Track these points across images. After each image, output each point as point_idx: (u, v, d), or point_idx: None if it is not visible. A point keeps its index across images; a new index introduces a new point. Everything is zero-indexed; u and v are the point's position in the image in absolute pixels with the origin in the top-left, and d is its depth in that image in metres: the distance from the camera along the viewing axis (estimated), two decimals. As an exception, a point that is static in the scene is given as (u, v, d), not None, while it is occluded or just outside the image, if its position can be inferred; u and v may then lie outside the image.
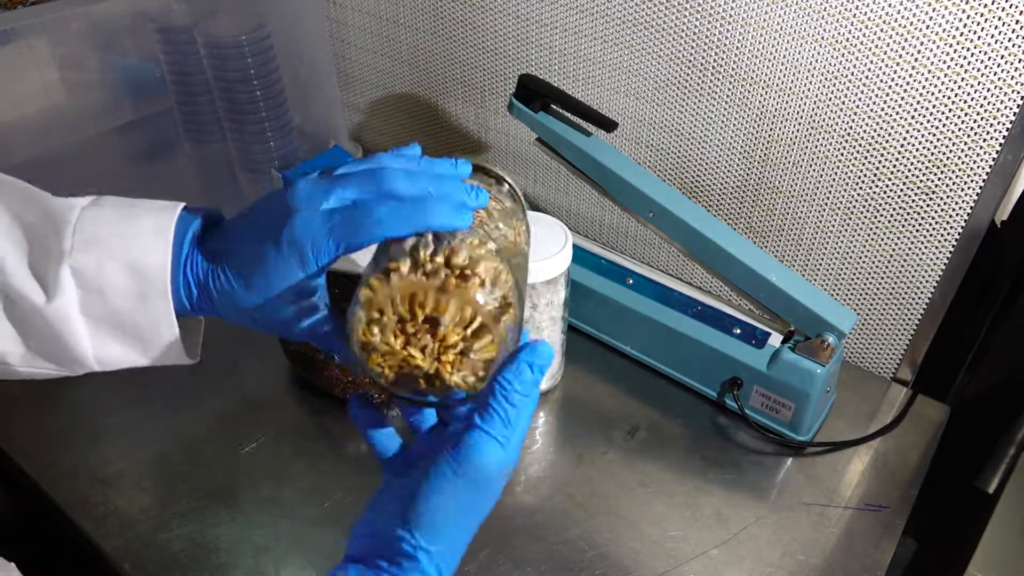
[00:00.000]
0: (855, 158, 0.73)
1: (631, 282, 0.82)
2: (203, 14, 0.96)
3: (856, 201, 0.75)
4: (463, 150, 1.07)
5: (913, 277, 0.75)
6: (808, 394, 0.70)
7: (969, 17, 0.61)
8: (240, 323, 0.44)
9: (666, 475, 0.71)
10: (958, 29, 0.62)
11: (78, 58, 0.88)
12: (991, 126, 0.64)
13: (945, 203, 0.70)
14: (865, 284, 0.79)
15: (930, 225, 0.72)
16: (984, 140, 0.65)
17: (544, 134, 0.76)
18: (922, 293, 0.75)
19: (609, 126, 0.71)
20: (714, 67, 0.76)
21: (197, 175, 1.05)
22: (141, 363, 0.44)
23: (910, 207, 0.72)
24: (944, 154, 0.68)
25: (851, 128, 0.71)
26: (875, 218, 0.75)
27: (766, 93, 0.75)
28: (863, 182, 0.73)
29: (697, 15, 0.75)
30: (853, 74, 0.69)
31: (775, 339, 0.74)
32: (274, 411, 0.78)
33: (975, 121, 0.65)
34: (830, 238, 0.79)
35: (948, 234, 0.71)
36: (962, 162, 0.67)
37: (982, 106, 0.64)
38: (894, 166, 0.71)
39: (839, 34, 0.68)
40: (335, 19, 1.09)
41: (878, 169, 0.72)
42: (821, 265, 0.81)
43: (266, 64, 0.98)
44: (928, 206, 0.71)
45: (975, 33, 0.61)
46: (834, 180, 0.75)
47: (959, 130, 0.66)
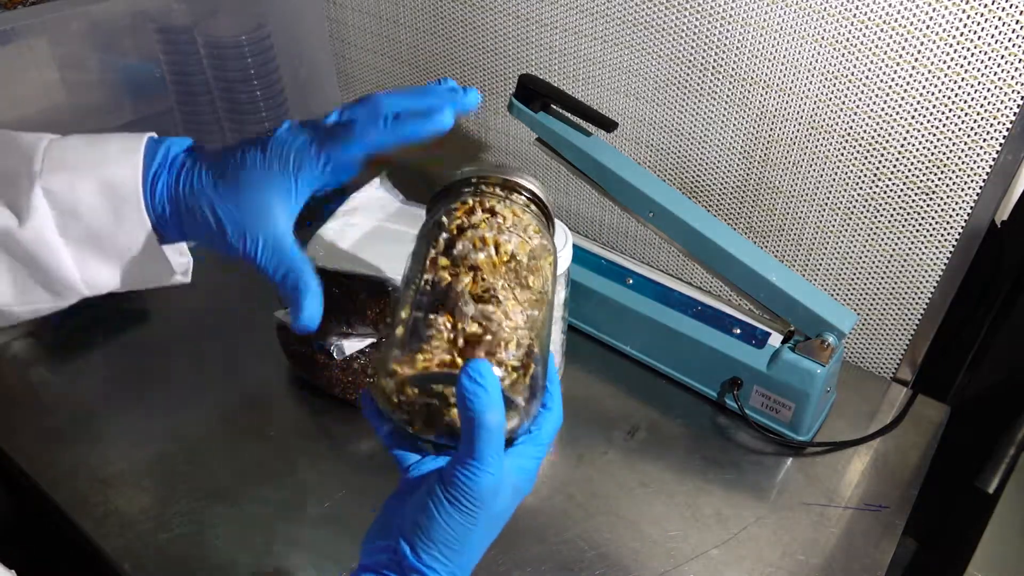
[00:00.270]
0: (855, 158, 0.73)
1: (631, 282, 0.82)
2: (203, 14, 0.96)
3: (856, 201, 0.75)
4: (463, 150, 1.07)
5: (913, 277, 0.75)
6: (808, 394, 0.71)
7: (969, 17, 0.61)
8: (213, 244, 0.43)
9: (666, 475, 0.71)
10: (958, 29, 0.62)
11: (78, 58, 0.88)
12: (991, 126, 0.64)
13: (945, 203, 0.70)
14: (865, 284, 0.79)
15: (930, 225, 0.72)
16: (984, 140, 0.65)
17: (544, 134, 0.76)
18: (922, 293, 0.75)
19: (609, 126, 0.71)
20: (714, 67, 0.76)
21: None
22: (130, 285, 0.43)
23: (910, 207, 0.72)
24: (944, 154, 0.68)
25: (851, 128, 0.71)
26: (875, 218, 0.75)
27: (766, 93, 0.75)
28: (863, 182, 0.73)
29: (697, 15, 0.75)
30: (853, 74, 0.69)
31: (775, 339, 0.74)
32: (274, 411, 0.78)
33: (975, 121, 0.65)
34: (830, 238, 0.79)
35: (948, 234, 0.71)
36: (962, 162, 0.67)
37: (982, 106, 0.64)
38: (894, 166, 0.71)
39: (839, 34, 0.68)
40: (335, 19, 1.09)
41: (878, 169, 0.72)
42: (821, 265, 0.81)
43: (266, 64, 0.98)
44: (928, 206, 0.71)
45: (975, 33, 0.61)
46: (834, 180, 0.75)
47: (959, 130, 0.66)
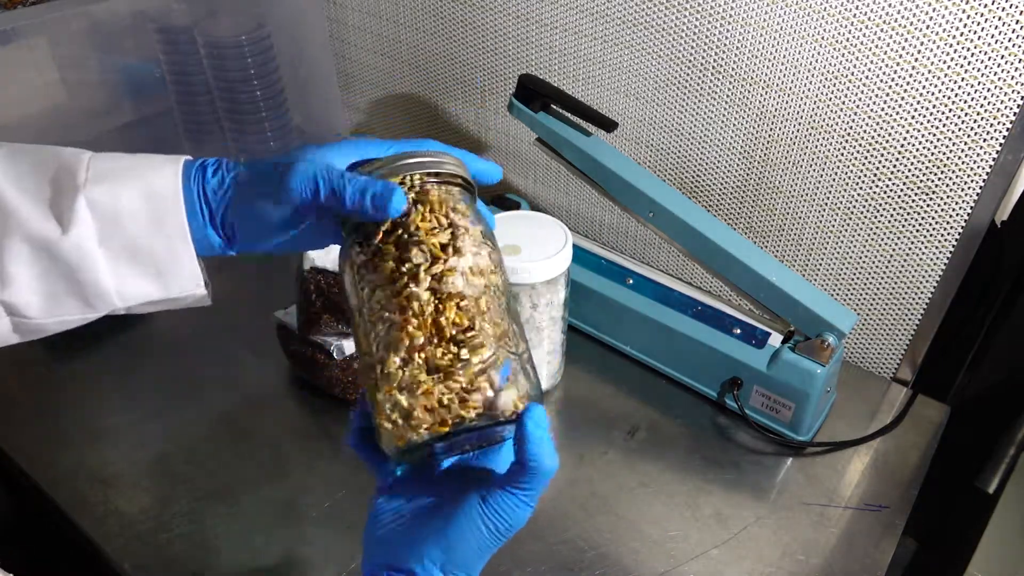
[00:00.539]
0: (855, 158, 0.73)
1: (631, 282, 0.82)
2: (203, 14, 0.96)
3: (856, 201, 0.75)
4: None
5: (913, 277, 0.75)
6: (808, 394, 0.70)
7: (969, 17, 0.61)
8: (259, 245, 0.45)
9: (666, 475, 0.71)
10: (958, 29, 0.62)
11: (78, 58, 0.88)
12: (991, 126, 0.64)
13: (945, 203, 0.70)
14: (865, 284, 0.79)
15: (930, 225, 0.72)
16: (984, 140, 0.65)
17: (544, 134, 0.76)
18: (922, 293, 0.75)
19: (609, 126, 0.71)
20: (714, 67, 0.76)
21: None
22: (160, 296, 0.44)
23: (910, 207, 0.72)
24: (944, 154, 0.68)
25: (851, 128, 0.71)
26: (875, 218, 0.75)
27: (766, 93, 0.75)
28: (863, 182, 0.73)
29: (697, 15, 0.75)
30: (853, 74, 0.69)
31: (775, 339, 0.74)
32: (274, 411, 0.78)
33: (975, 121, 0.65)
34: (830, 238, 0.79)
35: (948, 234, 0.71)
36: (962, 162, 0.67)
37: (982, 106, 0.64)
38: (894, 166, 0.71)
39: (839, 34, 0.68)
40: (335, 19, 1.09)
41: (878, 169, 0.72)
42: (821, 265, 0.81)
43: (266, 64, 0.98)
44: (928, 206, 0.71)
45: (975, 33, 0.61)
46: (834, 180, 0.75)
47: (959, 130, 0.66)
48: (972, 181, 0.67)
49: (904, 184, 0.71)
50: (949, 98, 0.65)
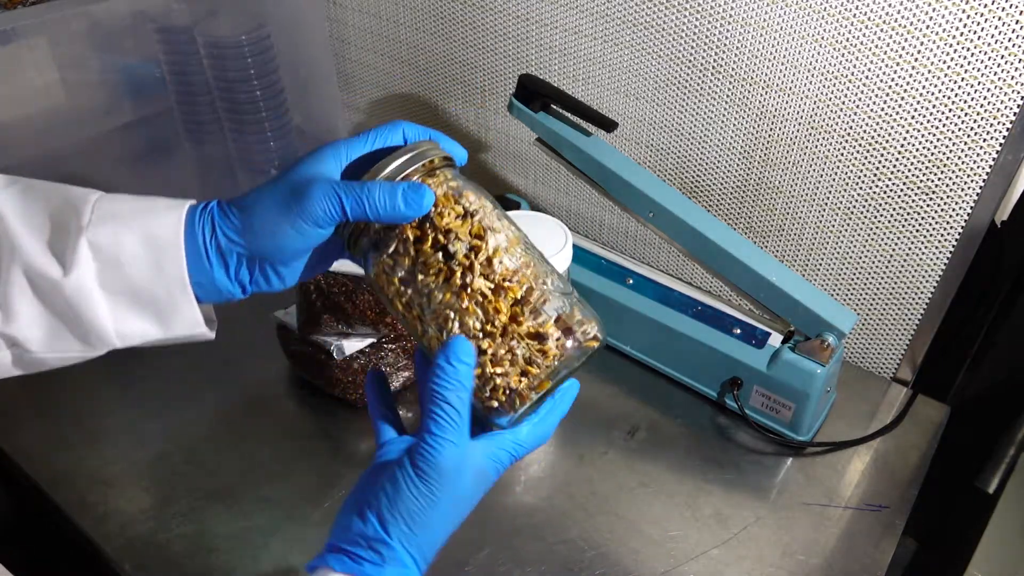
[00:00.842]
0: (855, 158, 0.73)
1: (631, 282, 0.82)
2: (203, 14, 0.96)
3: (856, 201, 0.75)
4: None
5: (913, 277, 0.75)
6: (808, 394, 0.70)
7: (969, 17, 0.61)
8: (257, 286, 0.45)
9: (666, 475, 0.71)
10: (958, 29, 0.62)
11: (78, 58, 0.88)
12: (991, 126, 0.64)
13: (945, 203, 0.70)
14: (865, 284, 0.79)
15: (930, 225, 0.72)
16: (984, 140, 0.65)
17: (544, 134, 0.76)
18: (922, 293, 0.75)
19: (609, 126, 0.71)
20: (714, 67, 0.76)
21: (197, 175, 1.05)
22: (160, 337, 0.45)
23: (910, 207, 0.72)
24: (944, 154, 0.68)
25: (851, 128, 0.71)
26: (875, 218, 0.75)
27: (766, 93, 0.75)
28: (863, 182, 0.73)
29: (697, 15, 0.75)
30: (853, 74, 0.69)
31: (775, 339, 0.74)
32: (274, 411, 0.78)
33: (975, 121, 0.65)
34: (830, 238, 0.79)
35: (948, 234, 0.71)
36: (962, 162, 0.67)
37: (982, 106, 0.64)
38: (894, 166, 0.71)
39: (839, 34, 0.68)
40: (335, 19, 1.09)
41: (878, 169, 0.72)
42: (821, 265, 0.81)
43: (266, 64, 0.98)
44: (928, 206, 0.71)
45: (975, 33, 0.61)
46: (834, 180, 0.75)
47: (959, 130, 0.66)
48: (972, 181, 0.67)
49: (904, 184, 0.71)
50: (949, 98, 0.65)
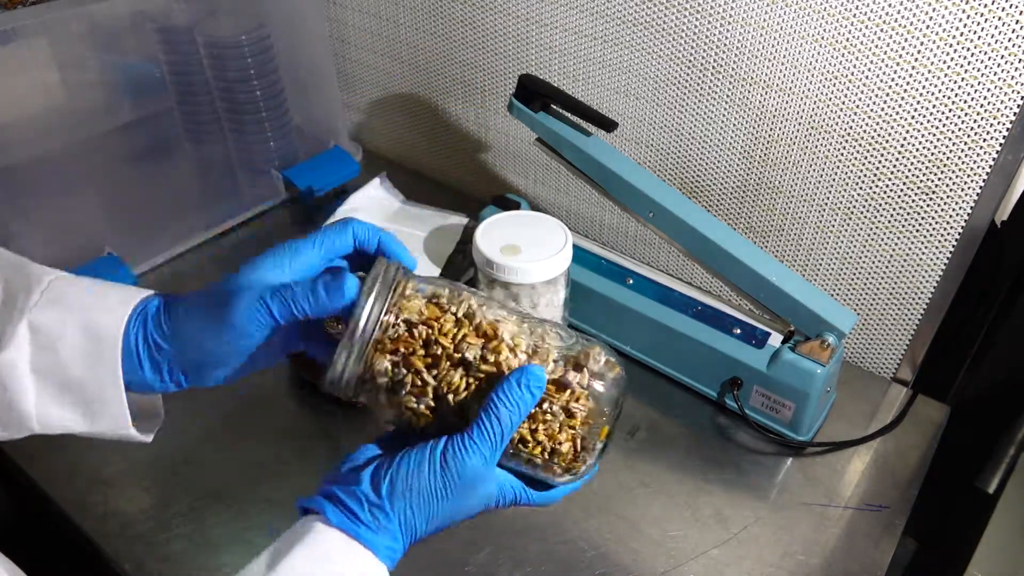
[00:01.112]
0: (855, 158, 0.73)
1: (631, 282, 0.82)
2: (203, 14, 0.96)
3: (856, 201, 0.75)
4: (464, 150, 1.07)
5: (913, 277, 0.75)
6: (808, 394, 0.70)
7: (969, 17, 0.61)
8: (194, 383, 0.46)
9: (666, 475, 0.71)
10: (958, 29, 0.62)
11: (78, 58, 0.88)
12: (991, 126, 0.64)
13: (945, 203, 0.70)
14: (865, 284, 0.79)
15: (930, 225, 0.72)
16: (984, 140, 0.65)
17: (544, 134, 0.76)
18: (922, 293, 0.75)
19: (609, 126, 0.71)
20: (714, 67, 0.76)
21: (197, 175, 1.05)
22: (84, 430, 0.45)
23: (910, 207, 0.72)
24: (944, 154, 0.68)
25: (851, 128, 0.71)
26: (875, 218, 0.75)
27: (766, 93, 0.75)
28: (863, 182, 0.73)
29: (697, 15, 0.75)
30: (853, 74, 0.69)
31: (775, 339, 0.74)
32: (274, 411, 0.78)
33: (975, 121, 0.65)
34: (830, 238, 0.79)
35: (948, 234, 0.71)
36: (962, 162, 0.67)
37: (982, 106, 0.64)
38: (894, 166, 0.71)
39: (839, 34, 0.68)
40: (335, 19, 1.09)
41: (878, 169, 0.72)
42: (821, 265, 0.81)
43: (266, 64, 0.98)
44: (928, 206, 0.71)
45: (975, 33, 0.61)
46: (834, 180, 0.75)
47: (959, 130, 0.66)
48: (972, 181, 0.67)
49: (904, 184, 0.71)
50: (949, 98, 0.65)
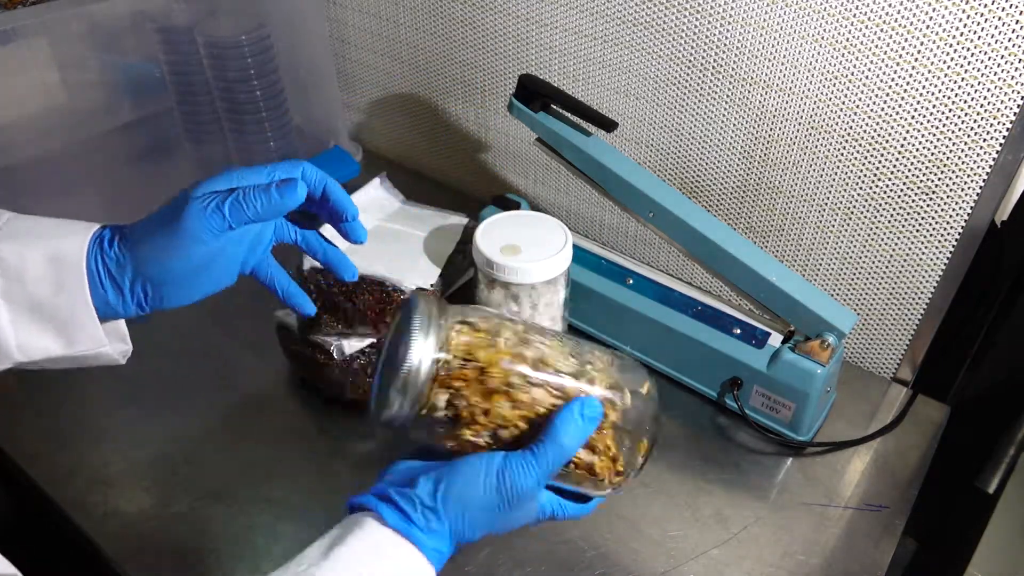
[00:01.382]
0: (855, 158, 0.73)
1: (631, 282, 0.82)
2: (203, 14, 0.96)
3: (856, 201, 0.75)
4: (464, 150, 1.07)
5: (913, 277, 0.75)
6: (808, 394, 0.70)
7: (969, 17, 0.61)
8: (154, 305, 0.47)
9: (666, 475, 0.71)
10: (958, 29, 0.62)
11: (78, 58, 0.88)
12: (991, 126, 0.64)
13: (945, 203, 0.70)
14: (865, 284, 0.79)
15: (930, 225, 0.72)
16: (984, 140, 0.65)
17: (544, 134, 0.76)
18: (922, 293, 0.75)
19: (609, 126, 0.71)
20: (714, 67, 0.76)
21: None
22: (63, 354, 0.46)
23: (910, 207, 0.72)
24: (944, 154, 0.68)
25: (851, 128, 0.71)
26: (875, 218, 0.75)
27: (766, 93, 0.75)
28: (863, 182, 0.73)
29: (697, 15, 0.75)
30: (853, 74, 0.69)
31: (775, 339, 0.74)
32: (274, 411, 0.78)
33: (975, 121, 0.65)
34: (830, 238, 0.79)
35: (948, 234, 0.71)
36: (962, 162, 0.67)
37: (982, 106, 0.64)
38: (894, 166, 0.71)
39: (839, 34, 0.68)
40: (335, 19, 1.09)
41: (878, 169, 0.72)
42: (821, 265, 0.81)
43: (266, 64, 0.98)
44: (928, 206, 0.71)
45: (975, 33, 0.61)
46: (834, 180, 0.75)
47: (959, 130, 0.66)
48: (972, 181, 0.67)
49: (904, 184, 0.71)
50: (949, 98, 0.65)
